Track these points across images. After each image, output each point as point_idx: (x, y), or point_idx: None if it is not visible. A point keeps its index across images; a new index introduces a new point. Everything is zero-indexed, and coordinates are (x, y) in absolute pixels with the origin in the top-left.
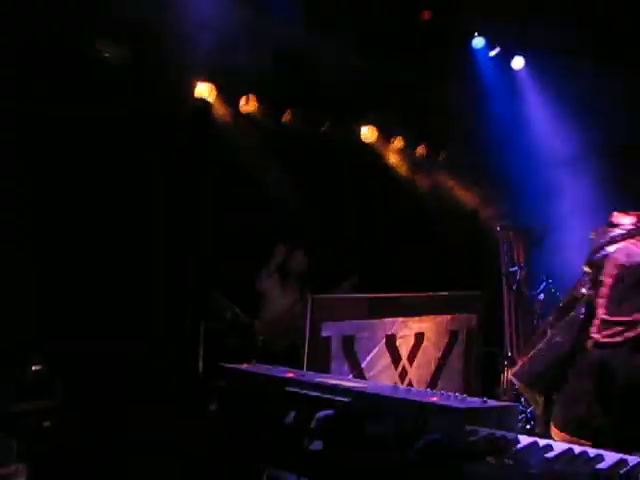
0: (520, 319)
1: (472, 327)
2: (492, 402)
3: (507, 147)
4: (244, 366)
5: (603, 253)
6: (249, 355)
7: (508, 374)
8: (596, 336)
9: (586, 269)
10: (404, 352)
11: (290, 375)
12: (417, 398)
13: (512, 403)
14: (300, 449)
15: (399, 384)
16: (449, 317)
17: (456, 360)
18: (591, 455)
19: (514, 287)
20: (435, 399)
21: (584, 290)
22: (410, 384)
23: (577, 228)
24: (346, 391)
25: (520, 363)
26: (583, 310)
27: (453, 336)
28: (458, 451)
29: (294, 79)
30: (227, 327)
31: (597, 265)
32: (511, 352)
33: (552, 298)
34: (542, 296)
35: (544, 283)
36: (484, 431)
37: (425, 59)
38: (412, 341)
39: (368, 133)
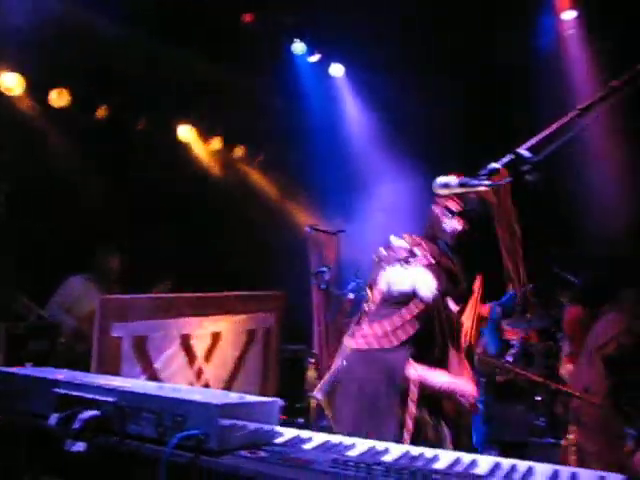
0: (329, 318)
1: (270, 326)
2: (252, 397)
3: (323, 151)
4: (14, 369)
5: (373, 278)
6: (51, 358)
7: (311, 372)
8: None
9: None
10: (200, 352)
11: (60, 377)
12: (178, 395)
13: (274, 398)
14: (61, 451)
15: (195, 384)
16: (246, 316)
17: (254, 359)
18: (346, 444)
19: (323, 287)
20: (194, 396)
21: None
22: (207, 384)
23: (383, 227)
24: (112, 391)
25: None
26: None
27: (250, 335)
28: (213, 445)
29: (109, 75)
30: (30, 330)
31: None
32: (319, 350)
33: (362, 297)
34: (352, 295)
35: (354, 282)
36: (241, 425)
37: (246, 61)
38: (208, 341)
39: (186, 132)
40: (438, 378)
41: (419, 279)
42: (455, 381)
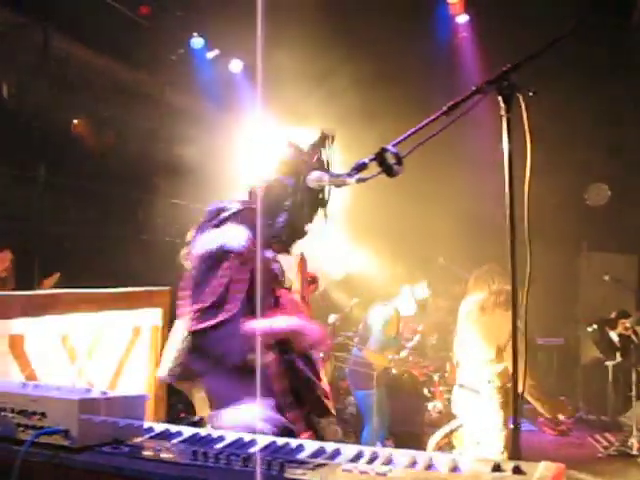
0: None
1: (157, 323)
2: (115, 393)
3: (222, 147)
4: None
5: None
6: None
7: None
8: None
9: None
10: (82, 350)
11: None
12: (37, 393)
13: (140, 393)
14: None
15: (77, 383)
16: (130, 313)
17: (140, 356)
18: (214, 437)
19: None
20: (54, 392)
21: None
22: (90, 383)
23: None
24: None
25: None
26: None
27: (135, 332)
28: (73, 442)
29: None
30: None
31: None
32: None
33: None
34: None
35: None
36: (103, 421)
37: (144, 54)
38: (90, 338)
39: (79, 126)
40: (279, 323)
41: (226, 232)
42: (296, 321)
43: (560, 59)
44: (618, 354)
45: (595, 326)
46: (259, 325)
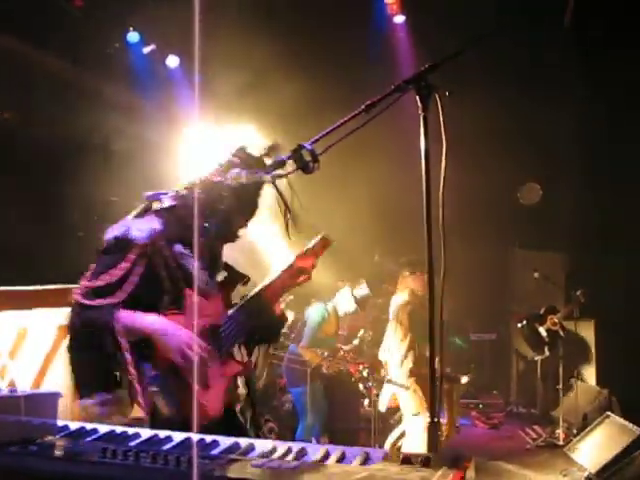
0: None
1: None
2: (26, 391)
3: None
4: None
5: None
6: None
7: None
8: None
9: None
10: (5, 349)
11: None
12: None
13: (54, 391)
14: None
15: None
16: (57, 311)
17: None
18: (129, 434)
19: None
20: None
21: None
22: (12, 383)
23: None
24: None
25: None
26: None
27: (62, 330)
28: None
29: None
30: None
31: None
32: None
33: None
34: None
35: None
36: (11, 420)
37: (79, 47)
38: (14, 337)
39: (10, 120)
40: (144, 319)
41: (137, 223)
42: (163, 321)
43: (494, 58)
44: (546, 349)
45: (525, 322)
46: (126, 316)
